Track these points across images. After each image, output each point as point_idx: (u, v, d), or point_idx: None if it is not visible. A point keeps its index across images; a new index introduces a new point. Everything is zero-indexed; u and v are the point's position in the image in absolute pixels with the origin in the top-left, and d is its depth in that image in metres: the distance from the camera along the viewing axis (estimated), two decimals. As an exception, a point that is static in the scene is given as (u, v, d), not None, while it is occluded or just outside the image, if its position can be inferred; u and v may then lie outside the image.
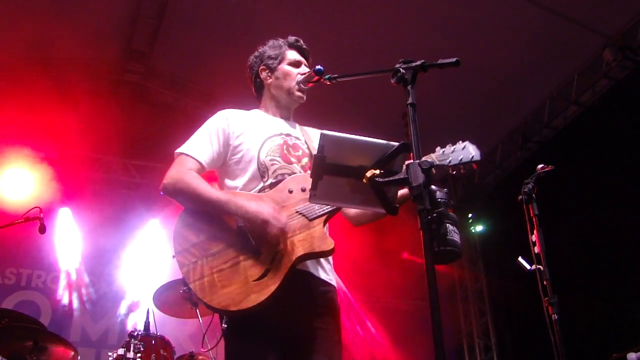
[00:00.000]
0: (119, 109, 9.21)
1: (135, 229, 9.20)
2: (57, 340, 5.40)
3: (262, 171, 3.18)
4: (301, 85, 3.40)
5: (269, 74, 3.51)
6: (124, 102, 9.47)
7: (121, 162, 9.35)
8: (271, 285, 2.83)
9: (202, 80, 9.67)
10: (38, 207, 5.54)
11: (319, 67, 3.21)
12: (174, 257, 2.97)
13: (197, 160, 3.16)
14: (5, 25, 7.79)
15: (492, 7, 7.55)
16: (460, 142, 3.04)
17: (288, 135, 3.37)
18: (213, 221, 3.02)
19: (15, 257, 8.25)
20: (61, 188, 8.54)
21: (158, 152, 8.77)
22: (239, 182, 3.21)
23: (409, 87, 2.41)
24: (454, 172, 3.04)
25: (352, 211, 3.35)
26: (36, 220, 5.53)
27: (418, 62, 2.45)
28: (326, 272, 3.17)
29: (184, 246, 2.97)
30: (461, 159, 2.97)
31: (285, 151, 3.27)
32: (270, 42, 3.59)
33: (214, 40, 8.66)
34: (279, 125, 3.42)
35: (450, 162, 2.98)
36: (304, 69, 3.47)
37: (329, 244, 2.94)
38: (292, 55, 3.51)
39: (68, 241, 8.53)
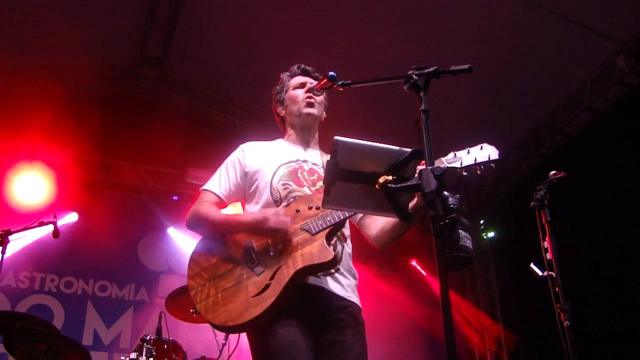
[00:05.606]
0: (133, 115, 9.28)
1: (148, 233, 9.25)
2: (70, 343, 5.41)
3: (276, 196, 3.26)
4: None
5: (281, 106, 3.62)
6: (138, 108, 9.54)
7: (134, 167, 9.38)
8: (268, 300, 2.89)
9: (215, 86, 9.71)
10: (52, 212, 5.60)
11: (331, 73, 3.20)
12: (187, 282, 3.16)
13: (215, 194, 3.36)
14: (19, 31, 7.87)
15: (504, 13, 7.53)
16: (479, 144, 2.96)
17: (305, 161, 3.43)
18: (223, 245, 3.18)
19: (28, 261, 8.30)
20: (74, 193, 8.59)
21: (172, 157, 8.81)
22: (256, 208, 3.30)
23: (421, 94, 2.40)
24: (466, 174, 2.95)
25: (373, 233, 3.36)
26: (50, 225, 5.59)
27: (431, 69, 2.44)
28: (344, 288, 3.16)
29: (196, 271, 3.17)
30: (475, 160, 2.90)
31: (299, 175, 3.33)
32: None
33: (227, 45, 8.70)
34: (296, 152, 3.49)
35: (462, 163, 2.92)
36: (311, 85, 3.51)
37: (328, 255, 2.94)
38: (296, 80, 3.60)
39: (81, 245, 8.56)
